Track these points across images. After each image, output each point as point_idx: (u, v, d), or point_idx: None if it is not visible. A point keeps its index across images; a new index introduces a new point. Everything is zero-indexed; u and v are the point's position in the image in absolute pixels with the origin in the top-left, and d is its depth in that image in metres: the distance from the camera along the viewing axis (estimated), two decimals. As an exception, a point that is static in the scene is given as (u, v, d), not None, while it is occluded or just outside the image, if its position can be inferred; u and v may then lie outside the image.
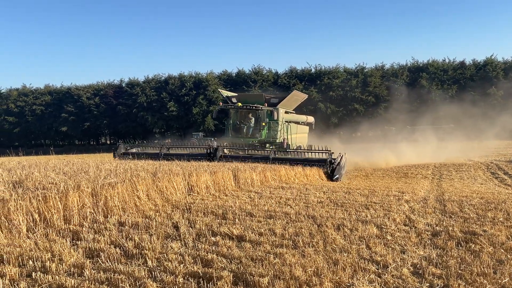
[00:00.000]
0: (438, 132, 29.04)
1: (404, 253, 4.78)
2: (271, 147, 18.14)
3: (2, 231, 5.16)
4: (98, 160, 11.93)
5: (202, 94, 44.61)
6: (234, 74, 48.06)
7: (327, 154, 14.60)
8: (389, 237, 5.43)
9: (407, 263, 4.45)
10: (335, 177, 13.91)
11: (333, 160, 14.23)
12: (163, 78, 48.34)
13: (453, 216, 6.91)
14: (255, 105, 18.86)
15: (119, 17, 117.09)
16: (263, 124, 19.16)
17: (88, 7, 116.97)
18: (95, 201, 6.46)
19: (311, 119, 25.84)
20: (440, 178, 15.28)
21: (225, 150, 16.24)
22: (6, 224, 5.28)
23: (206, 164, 11.53)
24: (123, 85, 49.35)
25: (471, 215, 6.95)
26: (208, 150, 15.80)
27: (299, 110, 31.82)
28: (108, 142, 57.86)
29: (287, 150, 16.87)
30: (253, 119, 19.35)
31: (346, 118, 42.53)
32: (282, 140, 18.79)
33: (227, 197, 8.54)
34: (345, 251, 4.78)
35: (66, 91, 50.12)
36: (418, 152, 22.14)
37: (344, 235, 5.48)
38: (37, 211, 5.64)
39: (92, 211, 6.33)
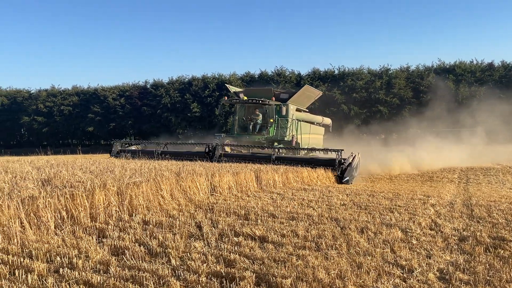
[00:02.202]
0: (466, 135, 28.26)
1: (430, 258, 4.68)
2: (279, 145, 16.77)
3: (31, 228, 5.31)
4: (123, 160, 12.14)
5: (225, 95, 44.78)
6: (256, 76, 48.12)
7: (336, 153, 13.39)
8: (414, 241, 5.33)
9: (433, 268, 4.36)
10: (345, 179, 12.73)
11: (343, 160, 13.06)
12: (186, 79, 48.82)
13: (481, 221, 6.73)
14: (262, 99, 17.51)
15: (145, 19, 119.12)
16: (271, 120, 17.75)
17: (113, 9, 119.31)
18: (120, 200, 6.58)
19: (328, 120, 24.44)
20: (467, 182, 14.91)
21: (227, 149, 15.24)
22: (35, 220, 5.43)
23: (229, 165, 11.56)
24: (148, 86, 50.10)
25: (500, 220, 6.75)
26: (206, 148, 14.91)
27: (321, 112, 31.59)
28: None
29: (296, 148, 15.84)
30: (261, 115, 17.98)
31: (369, 120, 42.00)
32: (291, 138, 17.44)
33: (249, 198, 8.55)
34: (369, 254, 4.72)
35: (93, 92, 51.19)
36: (446, 156, 21.56)
37: (368, 238, 5.41)
38: (64, 208, 5.78)
39: (118, 209, 6.45)
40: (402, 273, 4.17)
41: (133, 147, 17.49)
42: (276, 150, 14.54)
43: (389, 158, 19.55)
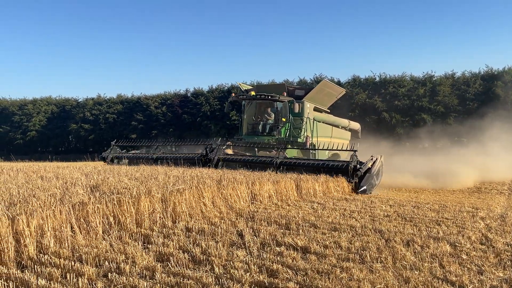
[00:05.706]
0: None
1: (481, 274, 4.47)
2: (293, 147, 15.31)
3: (81, 232, 5.52)
4: (166, 167, 12.40)
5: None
6: (295, 83, 48.07)
7: (350, 157, 11.75)
8: (464, 256, 5.11)
9: (486, 285, 4.15)
10: (361, 188, 11.28)
11: (358, 166, 11.47)
12: (226, 88, 49.46)
13: (536, 237, 6.36)
14: (272, 94, 15.80)
15: (185, 30, 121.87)
16: (283, 119, 16.01)
17: (153, 22, 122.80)
18: (164, 207, 6.72)
19: (355, 125, 22.80)
20: (518, 194, 14.15)
21: (228, 152, 14.07)
22: (85, 225, 5.64)
23: (268, 173, 11.52)
24: (189, 94, 51.15)
25: (558, 236, 6.35)
26: (202, 152, 13.67)
27: (361, 119, 31.00)
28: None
29: (300, 148, 14.74)
30: (273, 114, 16.25)
31: (412, 129, 40.83)
32: (304, 140, 15.81)
33: (290, 207, 8.51)
34: (416, 268, 4.56)
35: (136, 101, 52.83)
36: (494, 167, 20.41)
37: (415, 252, 5.23)
38: (112, 214, 5.97)
39: (162, 216, 6.59)
40: (452, 290, 4.01)
41: (131, 152, 16.86)
42: (280, 152, 13.03)
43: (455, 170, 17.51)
